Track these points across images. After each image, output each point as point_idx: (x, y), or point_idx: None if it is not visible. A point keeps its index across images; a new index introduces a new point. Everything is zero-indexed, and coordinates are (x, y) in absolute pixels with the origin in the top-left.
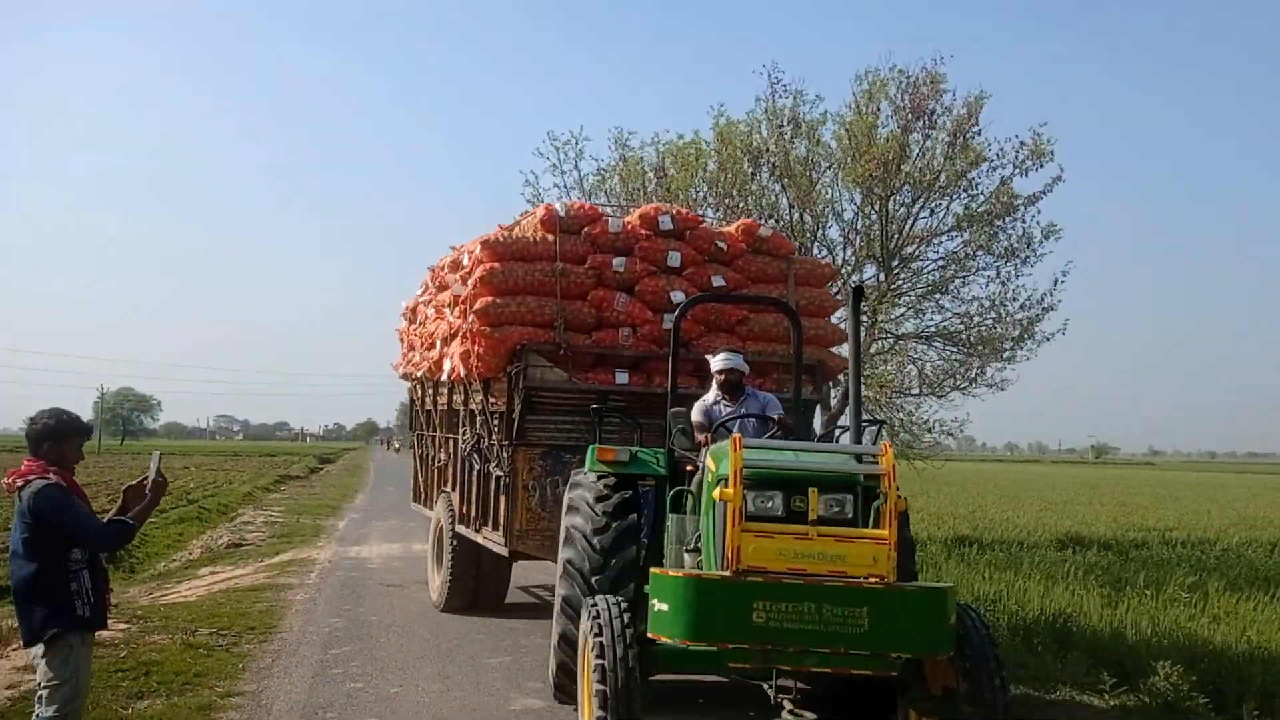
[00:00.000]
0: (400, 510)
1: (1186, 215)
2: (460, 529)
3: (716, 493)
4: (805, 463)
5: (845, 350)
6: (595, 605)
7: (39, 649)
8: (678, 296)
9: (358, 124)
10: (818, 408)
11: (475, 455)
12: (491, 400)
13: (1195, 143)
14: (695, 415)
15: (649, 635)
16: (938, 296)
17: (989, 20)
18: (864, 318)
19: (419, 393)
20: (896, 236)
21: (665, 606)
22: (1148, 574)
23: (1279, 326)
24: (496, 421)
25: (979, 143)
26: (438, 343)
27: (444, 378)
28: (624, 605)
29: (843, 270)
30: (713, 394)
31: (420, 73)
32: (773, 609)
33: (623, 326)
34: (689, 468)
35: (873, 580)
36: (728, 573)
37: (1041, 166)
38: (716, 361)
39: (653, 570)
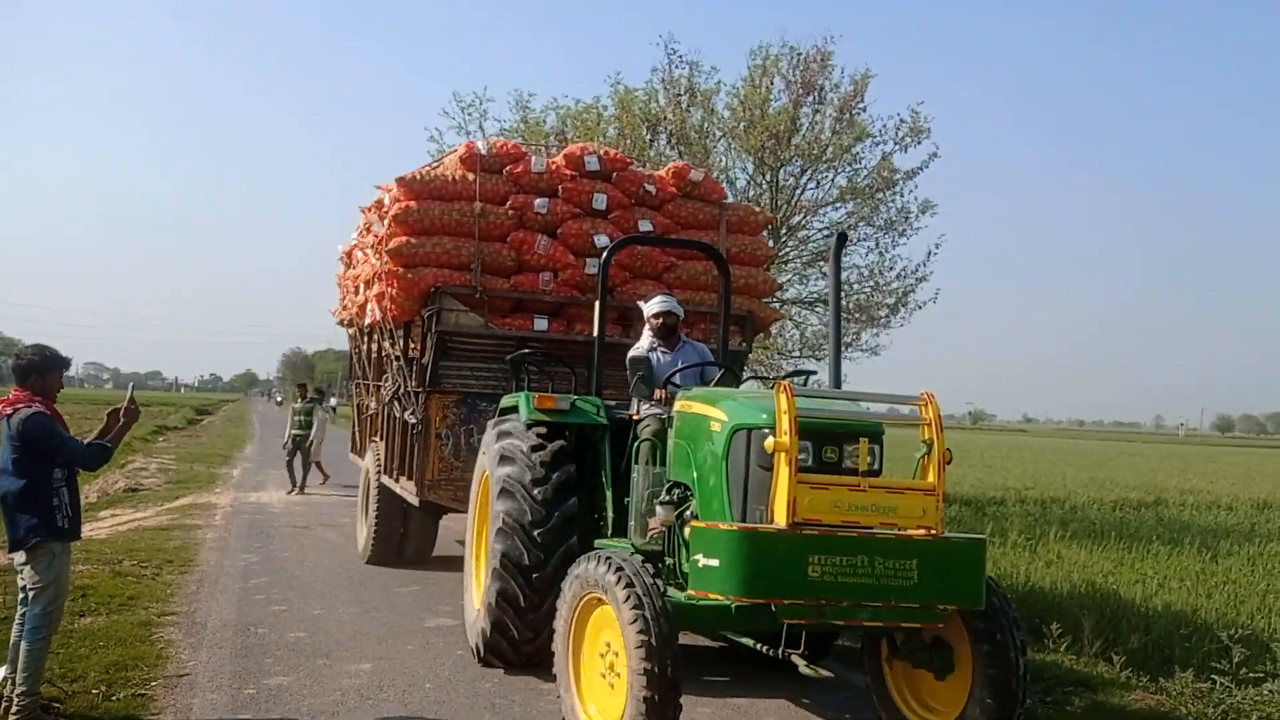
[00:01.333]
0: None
1: (1059, 193)
2: (385, 479)
3: (769, 443)
4: (841, 411)
5: (776, 301)
6: (611, 559)
7: (21, 555)
8: (602, 240)
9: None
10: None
11: (396, 403)
12: (412, 346)
13: (1071, 131)
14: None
15: (690, 592)
16: (821, 264)
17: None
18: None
19: (355, 341)
20: (785, 206)
21: (715, 561)
22: (995, 525)
23: (1151, 302)
24: (413, 368)
25: (864, 119)
26: (361, 286)
27: (366, 323)
28: (641, 557)
29: None
30: (647, 340)
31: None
32: (827, 563)
33: (543, 271)
34: (633, 416)
35: (923, 532)
36: (783, 525)
37: (919, 143)
38: (652, 306)
39: (696, 524)
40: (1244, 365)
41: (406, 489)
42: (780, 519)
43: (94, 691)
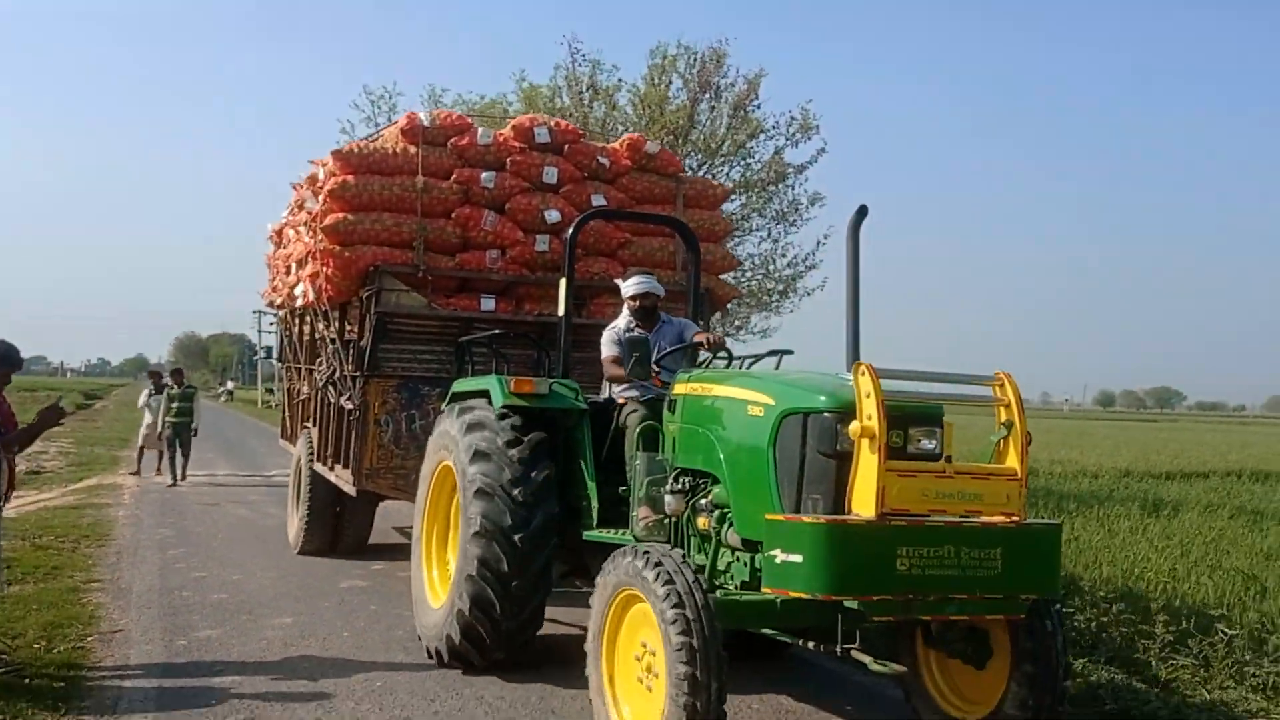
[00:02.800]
0: (198, 443)
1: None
2: (318, 466)
3: (854, 427)
4: (907, 393)
5: (734, 278)
6: (649, 553)
7: None
8: (553, 216)
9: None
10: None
11: (331, 388)
12: (349, 328)
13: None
14: (607, 346)
15: (765, 590)
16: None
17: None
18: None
19: (285, 323)
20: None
21: (797, 557)
22: None
23: (1040, 279)
24: (350, 351)
25: (758, 116)
26: (293, 265)
27: (298, 304)
28: (692, 564)
29: None
30: (624, 321)
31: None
32: (915, 555)
33: (491, 248)
34: (620, 399)
35: (1006, 519)
36: (871, 516)
37: (809, 139)
38: (630, 286)
39: (772, 516)
40: (1127, 343)
41: (342, 478)
42: (866, 509)
43: (35, 646)
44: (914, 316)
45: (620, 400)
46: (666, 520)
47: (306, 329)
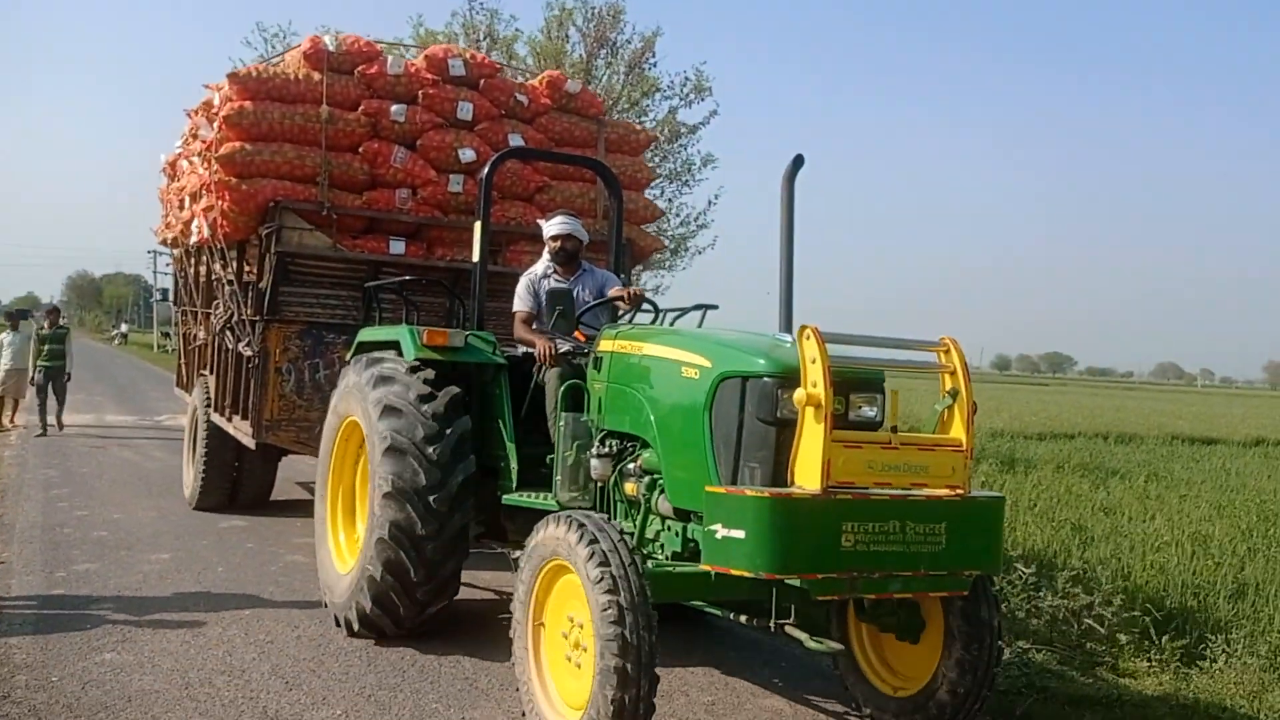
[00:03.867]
0: (83, 385)
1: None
2: (215, 417)
3: (799, 395)
4: (847, 358)
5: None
6: (571, 518)
7: None
8: (467, 155)
9: None
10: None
11: (228, 333)
12: (247, 269)
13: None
14: (521, 298)
15: (705, 567)
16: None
17: None
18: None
19: (180, 263)
20: None
21: (739, 533)
22: None
23: (939, 246)
24: (249, 294)
25: (653, 74)
26: (187, 200)
27: (192, 242)
28: (619, 526)
29: None
30: (543, 266)
31: None
32: (860, 530)
33: (401, 187)
34: (542, 357)
35: (950, 492)
36: (817, 490)
37: (702, 100)
38: (553, 226)
39: (713, 489)
40: (1025, 309)
41: (240, 429)
42: (811, 482)
43: None
44: (806, 278)
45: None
46: (592, 485)
47: (203, 269)
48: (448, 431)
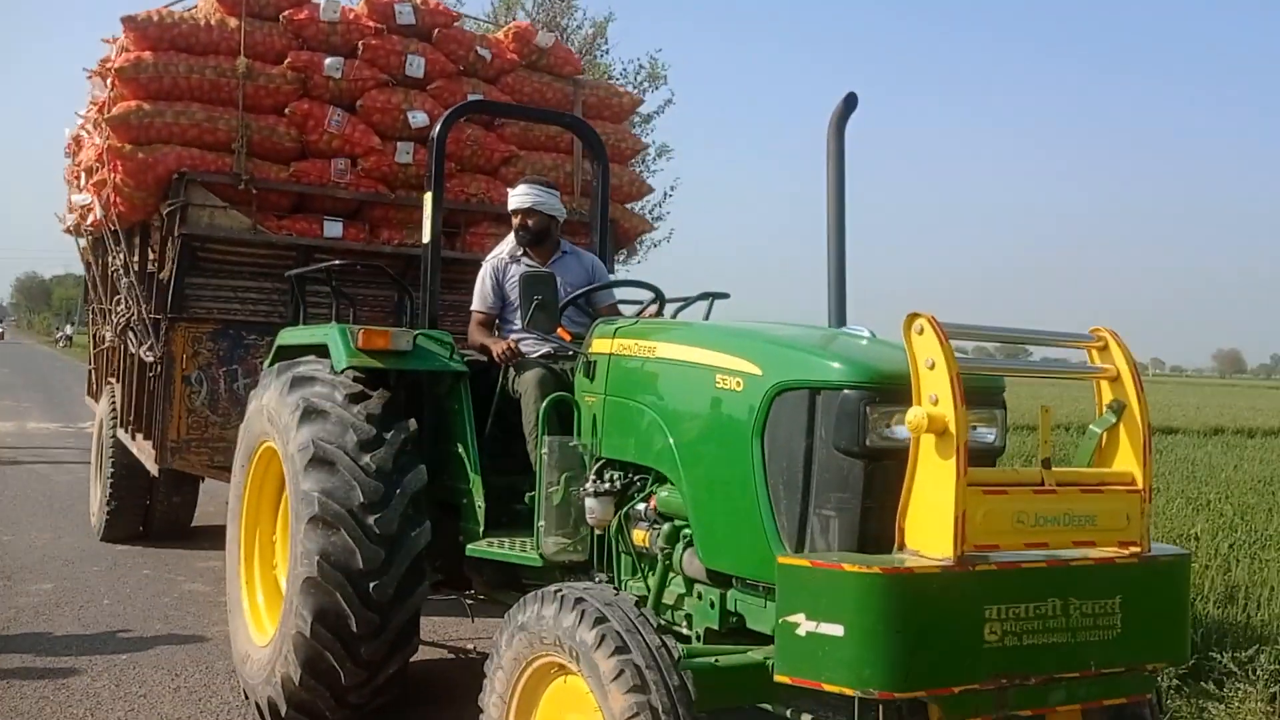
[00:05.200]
0: (10, 390)
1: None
2: (120, 434)
3: (915, 415)
4: (966, 364)
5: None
6: (583, 600)
7: None
8: (418, 118)
9: None
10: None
11: (130, 334)
12: (151, 258)
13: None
14: (480, 292)
15: (781, 679)
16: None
17: None
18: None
19: (87, 254)
20: None
21: (838, 629)
22: None
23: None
24: (150, 287)
25: (605, 61)
26: (83, 176)
27: (89, 224)
28: (631, 597)
29: None
30: (508, 248)
31: None
32: (1009, 616)
33: (337, 156)
34: (501, 355)
35: (1124, 551)
36: (949, 558)
37: (657, 88)
38: (517, 197)
39: (787, 560)
40: (957, 285)
41: (144, 451)
42: (937, 547)
43: None
44: (806, 278)
45: (504, 358)
46: (586, 530)
47: (109, 260)
48: (387, 435)
